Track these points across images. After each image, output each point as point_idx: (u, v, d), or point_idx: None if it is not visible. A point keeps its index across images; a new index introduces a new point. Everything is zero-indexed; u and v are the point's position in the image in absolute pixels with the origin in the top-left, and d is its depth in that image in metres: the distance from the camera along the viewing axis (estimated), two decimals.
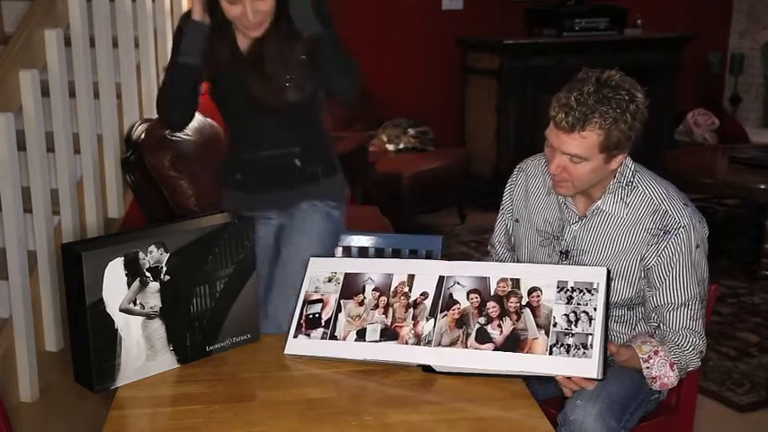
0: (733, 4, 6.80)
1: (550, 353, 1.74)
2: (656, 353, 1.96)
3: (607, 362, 1.75)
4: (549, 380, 1.82)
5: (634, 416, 2.02)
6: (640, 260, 1.99)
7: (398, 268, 1.96)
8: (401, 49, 5.68)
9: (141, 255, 1.80)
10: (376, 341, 1.87)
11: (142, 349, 1.84)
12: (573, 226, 2.06)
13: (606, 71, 1.92)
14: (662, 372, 1.97)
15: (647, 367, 1.96)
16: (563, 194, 2.03)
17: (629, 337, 2.09)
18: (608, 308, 1.81)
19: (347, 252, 2.47)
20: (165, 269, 1.84)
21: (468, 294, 1.86)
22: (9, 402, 2.81)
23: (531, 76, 5.55)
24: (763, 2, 6.62)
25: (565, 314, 1.77)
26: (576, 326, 1.74)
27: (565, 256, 2.08)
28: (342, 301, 1.95)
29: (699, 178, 4.75)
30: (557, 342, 1.74)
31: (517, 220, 2.19)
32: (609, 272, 1.80)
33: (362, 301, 1.93)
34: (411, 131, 5.30)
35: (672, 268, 1.96)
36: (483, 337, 1.80)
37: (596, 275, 1.79)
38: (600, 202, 2.02)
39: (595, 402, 1.88)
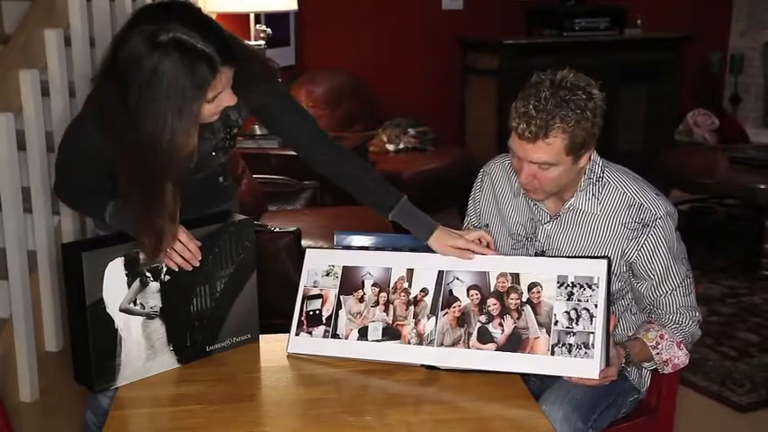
0: (733, 4, 6.80)
1: (552, 353, 1.74)
2: (661, 337, 1.96)
3: (609, 358, 1.75)
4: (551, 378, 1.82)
5: (604, 416, 1.99)
6: (621, 255, 1.98)
7: (397, 262, 1.95)
8: (401, 49, 5.67)
9: (141, 255, 1.80)
10: (378, 340, 1.87)
11: (142, 349, 1.84)
12: (546, 226, 2.03)
13: (559, 72, 1.88)
14: (671, 353, 1.97)
15: (657, 353, 1.96)
16: (535, 199, 2.00)
17: (627, 334, 2.08)
18: (610, 300, 1.80)
19: None
20: (165, 269, 1.84)
21: (468, 291, 1.86)
22: (9, 402, 2.81)
23: (532, 76, 5.53)
24: (764, 2, 6.62)
25: (566, 311, 1.76)
26: (577, 324, 1.74)
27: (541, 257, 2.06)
28: (342, 298, 1.94)
29: (699, 178, 4.74)
30: (558, 342, 1.74)
31: (487, 225, 2.15)
32: (610, 263, 1.79)
33: (362, 297, 1.93)
34: (411, 131, 5.29)
35: (659, 260, 1.96)
36: (485, 337, 1.80)
37: (596, 269, 1.78)
38: (573, 200, 1.99)
39: (560, 406, 1.87)
